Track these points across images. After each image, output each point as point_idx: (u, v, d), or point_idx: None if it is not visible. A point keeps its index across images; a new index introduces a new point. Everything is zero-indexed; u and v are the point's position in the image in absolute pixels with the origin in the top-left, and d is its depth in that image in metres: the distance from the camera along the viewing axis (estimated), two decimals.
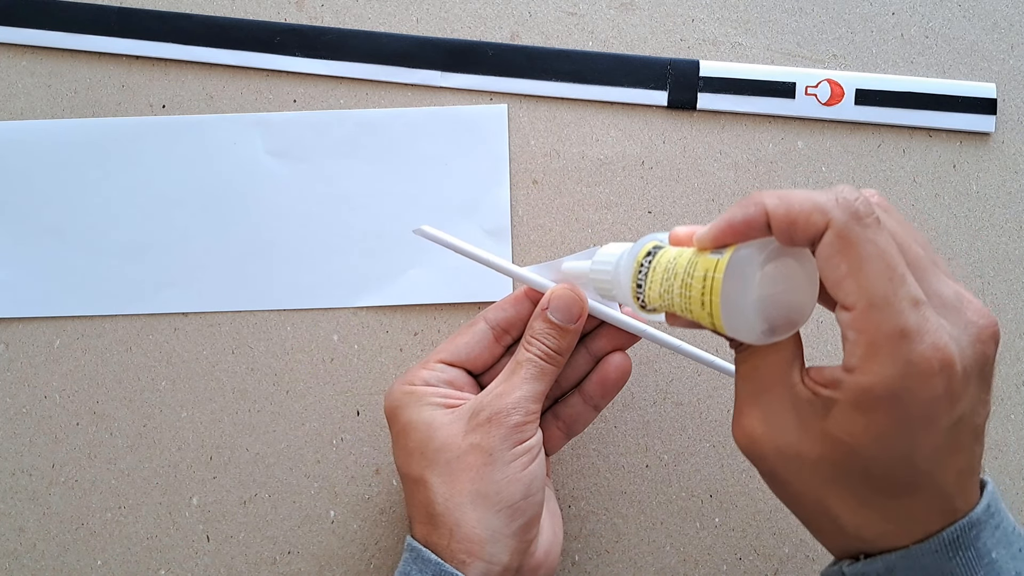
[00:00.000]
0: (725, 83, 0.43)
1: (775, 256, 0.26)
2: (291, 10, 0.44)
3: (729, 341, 0.29)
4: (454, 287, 0.42)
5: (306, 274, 0.42)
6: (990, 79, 0.44)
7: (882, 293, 0.24)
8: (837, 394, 0.25)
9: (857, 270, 0.24)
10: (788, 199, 0.25)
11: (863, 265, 0.24)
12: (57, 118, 0.43)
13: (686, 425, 0.41)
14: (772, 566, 0.40)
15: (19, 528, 0.40)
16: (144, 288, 0.42)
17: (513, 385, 0.33)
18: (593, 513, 0.40)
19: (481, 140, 0.42)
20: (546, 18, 0.44)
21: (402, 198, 0.42)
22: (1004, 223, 0.43)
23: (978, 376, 0.25)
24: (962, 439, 0.25)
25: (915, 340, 0.24)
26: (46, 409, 0.41)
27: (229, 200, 0.42)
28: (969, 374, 0.25)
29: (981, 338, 0.25)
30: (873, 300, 0.24)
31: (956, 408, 0.25)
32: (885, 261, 0.24)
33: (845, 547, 0.28)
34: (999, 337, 0.26)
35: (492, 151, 0.42)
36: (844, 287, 0.24)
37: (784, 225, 0.25)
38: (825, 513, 0.27)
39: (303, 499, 0.40)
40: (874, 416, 0.24)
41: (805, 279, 0.27)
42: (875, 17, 0.44)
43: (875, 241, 0.24)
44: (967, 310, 0.26)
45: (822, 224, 0.24)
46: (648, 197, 0.43)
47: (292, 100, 0.43)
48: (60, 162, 0.42)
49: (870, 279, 0.24)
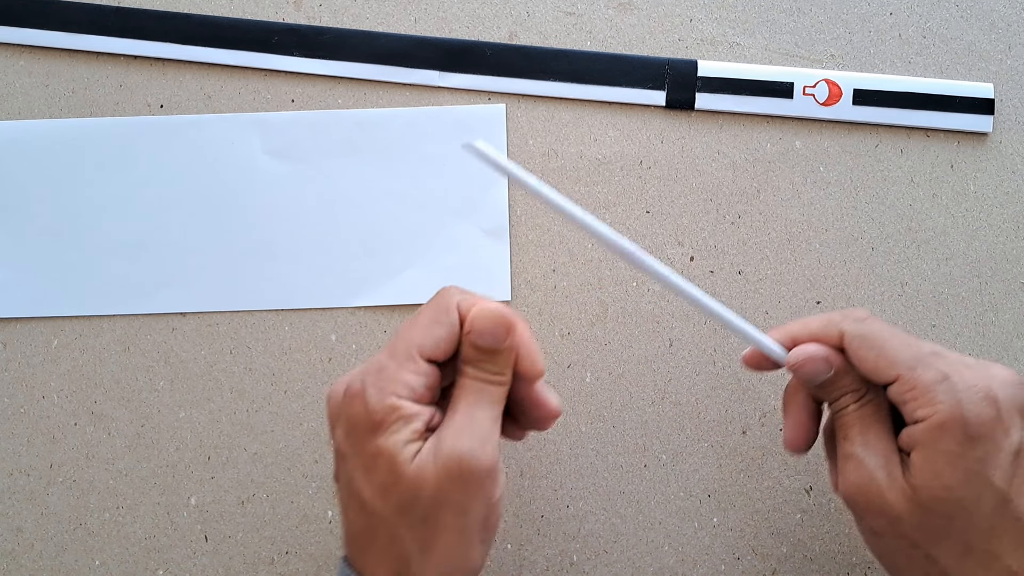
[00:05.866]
0: (723, 83, 0.43)
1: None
2: (289, 10, 0.44)
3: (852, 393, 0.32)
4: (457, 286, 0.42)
5: (304, 274, 0.42)
6: (988, 79, 0.44)
7: (911, 355, 0.29)
8: (913, 446, 0.29)
9: (881, 349, 0.30)
10: (805, 323, 0.32)
11: (884, 344, 0.30)
12: (55, 118, 0.43)
13: (684, 425, 0.41)
14: (770, 566, 0.40)
15: (17, 528, 0.40)
16: (142, 288, 0.42)
17: (470, 418, 0.29)
18: (591, 513, 0.40)
19: (479, 139, 0.42)
20: (544, 18, 0.44)
21: (400, 198, 0.42)
22: (1002, 223, 0.43)
23: (1021, 414, 0.29)
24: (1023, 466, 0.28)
25: (955, 378, 0.28)
26: (44, 409, 0.41)
27: (227, 200, 0.42)
28: (1011, 409, 0.28)
29: (1011, 382, 0.29)
30: (907, 363, 0.29)
31: (1011, 435, 0.28)
32: (897, 336, 0.30)
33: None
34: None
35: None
36: (880, 367, 0.30)
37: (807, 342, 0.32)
38: (935, 567, 0.29)
39: (301, 499, 0.40)
40: (951, 446, 0.28)
41: None
42: (873, 17, 0.44)
43: (882, 327, 0.31)
44: (991, 366, 0.30)
45: (836, 333, 0.31)
46: (646, 197, 0.43)
47: (290, 100, 0.43)
48: (58, 162, 0.42)
49: (896, 350, 0.30)
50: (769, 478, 0.40)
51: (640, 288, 0.42)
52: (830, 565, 0.39)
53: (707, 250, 0.42)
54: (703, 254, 0.42)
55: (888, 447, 0.30)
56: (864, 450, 0.30)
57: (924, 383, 0.29)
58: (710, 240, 0.42)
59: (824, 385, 0.32)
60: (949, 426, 0.28)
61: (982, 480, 0.28)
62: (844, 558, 0.39)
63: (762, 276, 0.42)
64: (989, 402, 0.28)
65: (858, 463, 0.30)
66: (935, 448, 0.28)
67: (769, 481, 0.40)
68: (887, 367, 0.30)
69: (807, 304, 0.42)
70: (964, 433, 0.28)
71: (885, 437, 0.30)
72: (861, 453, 0.30)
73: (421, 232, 0.42)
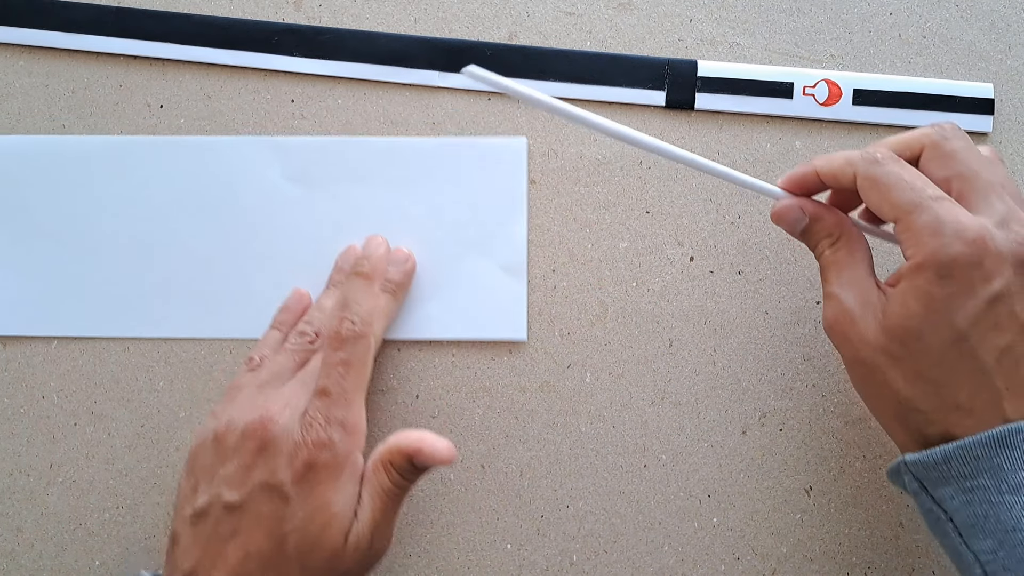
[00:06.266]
0: (723, 83, 0.43)
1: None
2: (289, 10, 0.44)
3: (826, 239, 0.35)
4: (470, 323, 0.41)
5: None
6: (988, 79, 0.44)
7: (913, 198, 0.31)
8: (896, 283, 0.31)
9: (887, 193, 0.31)
10: (830, 159, 0.34)
11: (891, 188, 0.31)
12: (55, 118, 0.43)
13: (684, 425, 0.41)
14: (770, 566, 0.40)
15: (17, 528, 0.40)
16: (153, 311, 0.41)
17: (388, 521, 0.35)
18: (591, 513, 0.40)
19: (499, 173, 0.42)
20: (544, 18, 0.44)
21: (416, 229, 0.41)
22: None
23: (1017, 270, 0.30)
24: (1001, 319, 0.30)
25: (947, 221, 0.30)
26: (44, 409, 0.41)
27: (241, 224, 0.42)
28: (1004, 258, 0.30)
29: (1020, 241, 0.30)
30: (906, 207, 0.31)
31: (991, 283, 0.30)
32: (905, 181, 0.31)
33: (908, 435, 0.32)
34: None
35: (510, 185, 0.42)
36: (883, 210, 0.32)
37: (829, 178, 0.34)
38: (886, 389, 0.32)
39: None
40: (921, 282, 0.30)
41: None
42: (873, 17, 0.44)
43: (894, 172, 0.32)
44: (1013, 223, 0.30)
45: (851, 174, 0.33)
46: (646, 197, 0.43)
47: (290, 100, 0.43)
48: (74, 179, 0.42)
49: (901, 193, 0.31)
50: (769, 478, 0.40)
51: (640, 288, 0.42)
52: (830, 565, 0.39)
53: (707, 250, 0.42)
54: (703, 254, 0.42)
55: (864, 284, 0.33)
56: (839, 288, 0.33)
57: (918, 226, 0.30)
58: (710, 240, 0.42)
59: (804, 232, 0.35)
60: (926, 264, 0.30)
61: (943, 316, 0.30)
62: (844, 558, 0.39)
63: (762, 276, 0.42)
64: (970, 246, 0.30)
65: (835, 300, 0.33)
66: (911, 283, 0.31)
67: (769, 481, 0.40)
68: (889, 210, 0.31)
69: (807, 304, 0.42)
70: (937, 272, 0.30)
71: (862, 276, 0.33)
72: (837, 291, 0.33)
73: (436, 265, 0.41)
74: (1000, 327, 0.30)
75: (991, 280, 0.30)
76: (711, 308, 0.42)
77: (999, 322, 0.30)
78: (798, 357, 0.41)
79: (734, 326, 0.41)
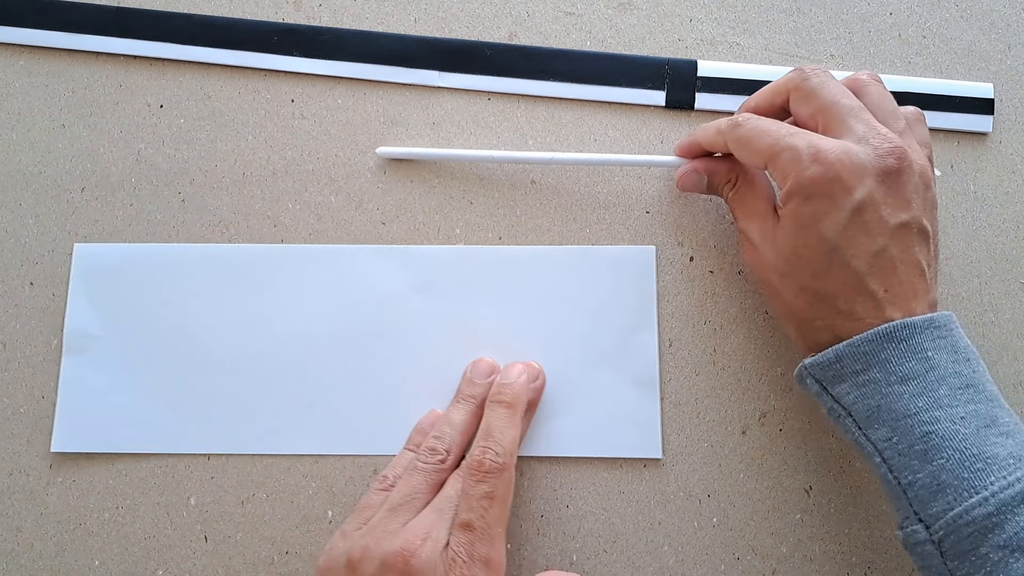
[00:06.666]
0: (723, 83, 0.43)
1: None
2: (289, 10, 0.44)
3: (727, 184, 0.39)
4: (602, 441, 0.40)
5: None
6: (987, 79, 0.44)
7: (769, 144, 0.34)
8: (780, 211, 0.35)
9: (752, 146, 0.35)
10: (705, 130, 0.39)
11: (752, 142, 0.35)
12: (55, 118, 0.43)
13: (684, 425, 0.41)
14: (770, 566, 0.40)
15: (16, 528, 0.40)
16: (266, 424, 0.40)
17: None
18: (591, 513, 0.40)
19: (627, 282, 0.41)
20: (544, 18, 0.44)
21: (542, 340, 0.40)
22: (1001, 223, 0.43)
23: (880, 178, 0.33)
24: (870, 225, 0.33)
25: (803, 150, 0.33)
26: (44, 409, 0.41)
27: (366, 334, 0.41)
28: (864, 169, 0.33)
29: (879, 154, 0.33)
30: (770, 151, 0.34)
31: (852, 194, 0.33)
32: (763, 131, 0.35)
33: (804, 342, 0.36)
34: (903, 154, 0.33)
35: (639, 294, 0.41)
36: (754, 161, 0.36)
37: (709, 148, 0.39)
38: (784, 306, 0.36)
39: (301, 499, 0.40)
40: (792, 206, 0.34)
41: None
42: (873, 17, 0.44)
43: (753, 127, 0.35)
44: (872, 138, 0.33)
45: (723, 141, 0.37)
46: (646, 197, 0.43)
47: (290, 100, 0.43)
48: (191, 288, 0.41)
49: (759, 144, 0.35)
50: (769, 478, 0.40)
51: None
52: (830, 565, 0.39)
53: (707, 250, 0.42)
54: (703, 254, 0.42)
55: (764, 214, 0.36)
56: (745, 222, 0.37)
57: (781, 163, 0.34)
58: (710, 240, 0.42)
59: (708, 186, 0.40)
60: (792, 191, 0.34)
61: (813, 232, 0.33)
62: (844, 558, 0.39)
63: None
64: (825, 165, 0.33)
65: (743, 235, 0.38)
66: (785, 210, 0.34)
67: (769, 481, 0.40)
68: (759, 160, 0.35)
69: None
70: (800, 194, 0.33)
71: (762, 208, 0.37)
72: (744, 226, 0.37)
73: (565, 378, 0.40)
74: (870, 232, 0.33)
75: (852, 191, 0.33)
76: (711, 308, 0.42)
77: (868, 228, 0.33)
78: (798, 357, 0.41)
79: (734, 326, 0.41)
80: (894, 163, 0.33)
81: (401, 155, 0.41)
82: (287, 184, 0.43)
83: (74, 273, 0.41)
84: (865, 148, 0.33)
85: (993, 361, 0.41)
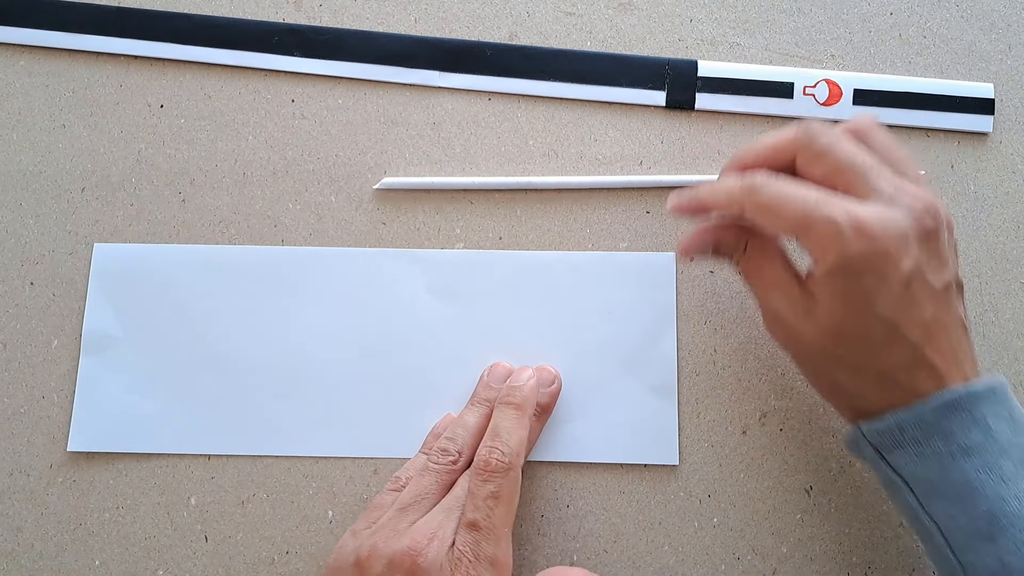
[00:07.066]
0: (723, 83, 0.43)
1: None
2: (289, 10, 0.44)
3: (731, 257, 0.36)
4: (619, 447, 0.40)
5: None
6: (988, 79, 0.44)
7: (798, 213, 0.31)
8: (815, 289, 0.32)
9: (778, 216, 0.32)
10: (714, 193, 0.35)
11: (779, 211, 0.32)
12: (55, 118, 0.43)
13: (684, 425, 0.41)
14: (770, 566, 0.40)
15: (17, 528, 0.40)
16: (272, 425, 0.40)
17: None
18: (591, 512, 0.40)
19: (647, 289, 0.41)
20: (544, 18, 0.44)
21: (561, 345, 0.40)
22: (1002, 223, 0.43)
23: (921, 242, 0.31)
24: (918, 294, 0.31)
25: (841, 222, 0.30)
26: (44, 409, 0.41)
27: (384, 337, 0.41)
28: (905, 235, 0.31)
29: (915, 215, 0.31)
30: (799, 222, 0.31)
31: (900, 265, 0.31)
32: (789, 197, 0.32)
33: (859, 415, 0.34)
34: (937, 210, 0.32)
35: (658, 302, 0.41)
36: (781, 230, 0.33)
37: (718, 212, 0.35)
38: (835, 385, 0.34)
39: (301, 499, 0.40)
40: (838, 286, 0.31)
41: None
42: (873, 17, 0.44)
43: (775, 193, 0.32)
44: (903, 197, 0.31)
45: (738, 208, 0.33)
46: (646, 197, 0.43)
47: (291, 100, 0.43)
48: (207, 290, 0.41)
49: (788, 213, 0.31)
50: (769, 478, 0.40)
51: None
52: (830, 565, 0.39)
53: None
54: None
55: (785, 282, 0.34)
56: (764, 292, 0.35)
57: (816, 235, 0.31)
58: None
59: (715, 253, 0.36)
60: (836, 270, 0.31)
61: (867, 312, 0.31)
62: (844, 558, 0.39)
63: None
64: (869, 239, 0.30)
65: (764, 307, 0.35)
66: (830, 289, 0.32)
67: (769, 481, 0.40)
68: (787, 229, 0.32)
69: None
70: (846, 274, 0.31)
71: (780, 274, 0.34)
72: (763, 296, 0.35)
73: (582, 384, 0.40)
74: (919, 302, 0.31)
75: (899, 264, 0.31)
76: (711, 308, 0.42)
77: (917, 298, 0.31)
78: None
79: (734, 326, 0.41)
80: (931, 223, 0.31)
81: (400, 185, 0.41)
82: (287, 184, 0.43)
83: (93, 273, 0.41)
84: (900, 211, 0.31)
85: (993, 361, 0.41)
